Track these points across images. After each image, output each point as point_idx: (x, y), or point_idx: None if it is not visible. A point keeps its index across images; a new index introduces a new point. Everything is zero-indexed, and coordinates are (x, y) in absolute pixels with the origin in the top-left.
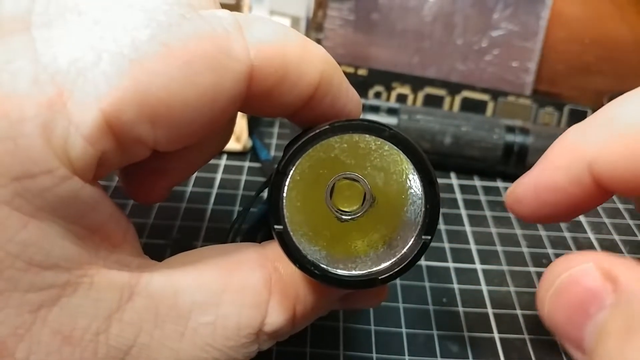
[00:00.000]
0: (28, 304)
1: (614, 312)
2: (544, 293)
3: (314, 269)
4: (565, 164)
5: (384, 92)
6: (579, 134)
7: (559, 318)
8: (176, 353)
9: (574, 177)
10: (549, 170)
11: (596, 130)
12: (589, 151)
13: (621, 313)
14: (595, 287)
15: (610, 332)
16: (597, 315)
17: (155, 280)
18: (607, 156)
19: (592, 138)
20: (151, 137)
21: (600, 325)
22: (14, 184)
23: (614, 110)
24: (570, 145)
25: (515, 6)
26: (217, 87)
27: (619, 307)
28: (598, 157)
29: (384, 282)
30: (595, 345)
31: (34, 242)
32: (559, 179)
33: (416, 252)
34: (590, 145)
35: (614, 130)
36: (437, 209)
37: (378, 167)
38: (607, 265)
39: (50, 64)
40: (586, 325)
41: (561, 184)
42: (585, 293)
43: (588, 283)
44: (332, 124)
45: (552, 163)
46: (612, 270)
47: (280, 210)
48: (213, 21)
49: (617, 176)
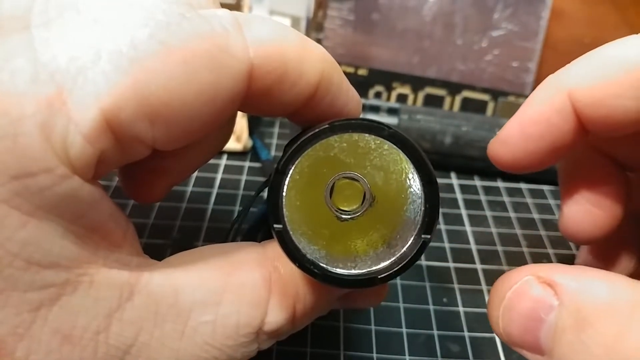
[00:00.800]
0: (28, 303)
1: (561, 311)
2: (496, 312)
3: (314, 268)
4: (549, 95)
5: (384, 92)
6: (562, 70)
7: (515, 330)
8: (176, 352)
9: (556, 106)
10: (533, 104)
11: (577, 65)
12: (570, 82)
13: (567, 310)
14: (539, 294)
15: (564, 328)
16: (548, 317)
17: (155, 279)
18: (586, 84)
19: (574, 71)
20: (150, 135)
21: (553, 325)
22: (13, 183)
23: (597, 50)
24: (554, 79)
25: (515, 6)
26: (216, 85)
27: (564, 306)
28: (578, 85)
29: (383, 281)
30: (553, 343)
31: (34, 240)
32: (543, 109)
33: (416, 251)
34: (572, 77)
35: (593, 62)
36: (437, 208)
37: (377, 166)
38: (544, 274)
39: (50, 62)
40: (540, 329)
41: (545, 114)
42: (533, 302)
43: (532, 293)
44: (332, 123)
45: (536, 97)
46: (549, 276)
47: (279, 210)
48: (212, 20)
49: (594, 104)
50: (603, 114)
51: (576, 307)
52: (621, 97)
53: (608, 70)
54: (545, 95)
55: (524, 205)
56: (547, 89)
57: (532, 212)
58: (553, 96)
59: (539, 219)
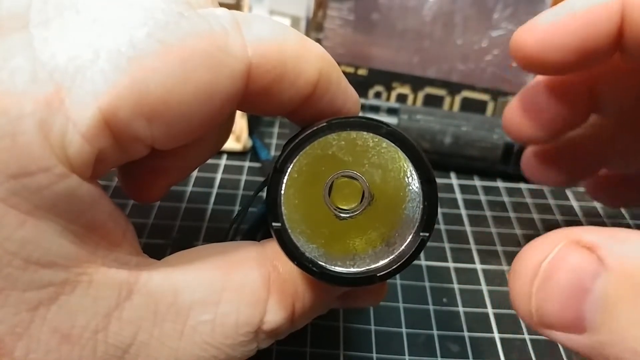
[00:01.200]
0: (26, 302)
1: (609, 279)
2: (526, 289)
3: (312, 267)
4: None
5: (384, 92)
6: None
7: (552, 307)
8: (175, 351)
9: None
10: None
11: None
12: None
13: (618, 277)
14: (582, 261)
15: (618, 297)
16: (594, 287)
17: (154, 278)
18: None
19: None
20: (149, 134)
21: (602, 296)
22: (11, 182)
23: None
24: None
25: (515, 6)
26: (214, 84)
27: (613, 272)
28: None
29: (382, 280)
30: (602, 316)
31: (32, 240)
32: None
33: (414, 249)
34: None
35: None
36: (435, 205)
37: (376, 164)
38: (583, 238)
39: (49, 61)
40: (585, 302)
41: (589, 7)
42: (575, 271)
43: (574, 261)
44: (329, 121)
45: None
46: (588, 241)
47: (278, 208)
48: (211, 19)
49: None
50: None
51: (629, 273)
52: None
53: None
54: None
55: (523, 205)
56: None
57: (532, 212)
58: None
59: (539, 219)
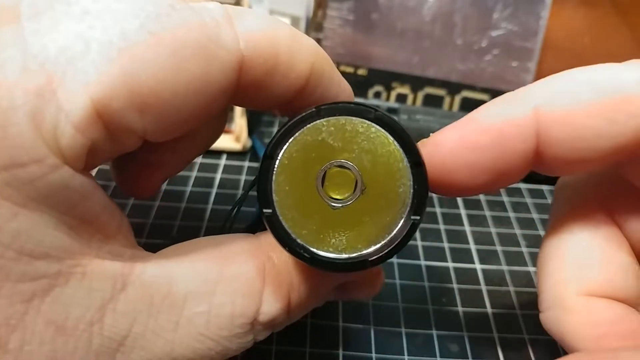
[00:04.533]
0: (20, 294)
1: None
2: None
3: (304, 252)
4: (510, 106)
5: (383, 91)
6: (530, 86)
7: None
8: (170, 343)
9: (518, 120)
10: (488, 113)
11: (549, 82)
12: (540, 97)
13: None
14: None
15: None
16: None
17: (149, 270)
18: (559, 102)
19: (546, 88)
20: (140, 125)
21: None
22: (3, 173)
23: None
24: (521, 93)
25: (515, 6)
26: (206, 76)
27: None
28: (548, 101)
29: (374, 264)
30: None
31: (25, 231)
32: (498, 119)
33: (405, 233)
34: (544, 93)
35: (568, 83)
36: (425, 188)
37: (366, 149)
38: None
39: (40, 53)
40: None
41: (498, 125)
42: None
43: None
44: (318, 107)
45: (493, 106)
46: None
47: (269, 195)
48: (203, 12)
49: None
50: (571, 135)
51: None
52: (596, 118)
53: (584, 93)
54: (506, 106)
55: (523, 205)
56: (510, 101)
57: (532, 212)
58: (516, 108)
59: (539, 218)
